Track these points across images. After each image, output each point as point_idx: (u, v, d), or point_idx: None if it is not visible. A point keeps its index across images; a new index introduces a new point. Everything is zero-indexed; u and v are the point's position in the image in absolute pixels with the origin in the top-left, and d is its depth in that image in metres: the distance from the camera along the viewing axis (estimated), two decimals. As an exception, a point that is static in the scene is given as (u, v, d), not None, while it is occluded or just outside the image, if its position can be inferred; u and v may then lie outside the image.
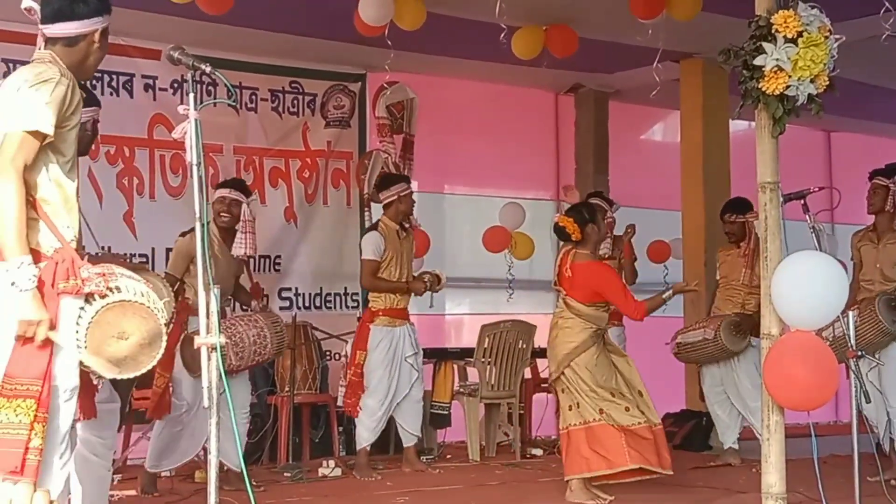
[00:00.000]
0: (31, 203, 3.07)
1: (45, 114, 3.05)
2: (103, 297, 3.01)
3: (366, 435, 6.77)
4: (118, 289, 3.04)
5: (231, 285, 6.21)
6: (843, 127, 11.31)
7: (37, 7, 3.25)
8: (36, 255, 3.03)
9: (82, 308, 3.01)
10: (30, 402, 2.95)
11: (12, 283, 2.94)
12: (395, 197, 6.83)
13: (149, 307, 3.06)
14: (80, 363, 3.05)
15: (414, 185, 7.22)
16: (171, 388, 5.89)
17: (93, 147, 5.08)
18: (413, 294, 6.87)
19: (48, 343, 2.99)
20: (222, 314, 6.10)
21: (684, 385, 8.71)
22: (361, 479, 6.64)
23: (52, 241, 3.08)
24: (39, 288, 2.99)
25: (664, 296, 5.85)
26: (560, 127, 10.07)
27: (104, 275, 3.04)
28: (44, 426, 2.97)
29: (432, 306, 7.58)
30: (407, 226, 6.96)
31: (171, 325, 3.79)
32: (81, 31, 3.24)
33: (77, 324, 2.99)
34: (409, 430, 6.92)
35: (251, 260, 6.89)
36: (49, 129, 3.06)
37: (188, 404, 5.92)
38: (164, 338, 3.08)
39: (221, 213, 6.05)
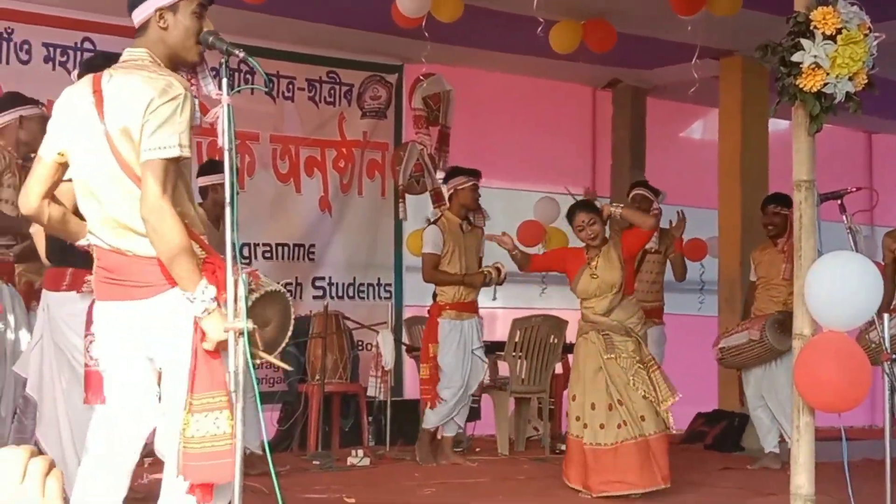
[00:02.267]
0: None
1: (184, 138, 3.01)
2: (252, 291, 3.08)
3: (433, 419, 6.82)
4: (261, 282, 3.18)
5: None
6: (884, 129, 11.18)
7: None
8: None
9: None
10: (226, 412, 2.97)
11: (204, 311, 2.96)
12: (452, 190, 6.86)
13: (281, 291, 3.21)
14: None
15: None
16: None
17: None
18: (472, 287, 6.83)
19: (221, 353, 3.00)
20: None
21: (717, 385, 8.64)
22: (421, 463, 6.72)
23: (199, 252, 3.09)
24: None
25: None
26: (597, 122, 10.03)
27: (252, 272, 3.12)
28: (233, 432, 2.98)
29: (495, 299, 7.57)
30: (472, 219, 6.93)
31: None
32: (143, 16, 3.14)
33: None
34: (457, 420, 6.94)
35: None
36: (189, 152, 3.04)
37: None
38: (293, 315, 3.22)
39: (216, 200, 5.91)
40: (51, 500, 1.10)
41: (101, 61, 3.63)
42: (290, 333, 3.26)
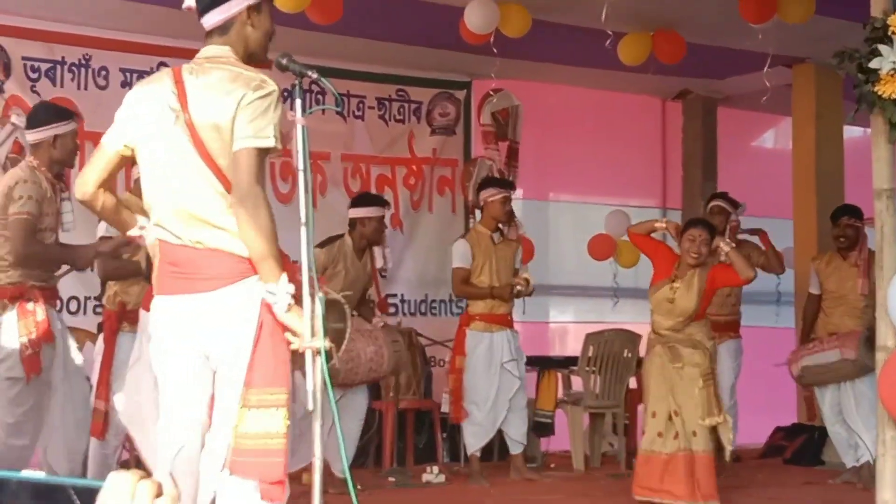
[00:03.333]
0: None
1: (276, 131, 3.05)
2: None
3: (472, 441, 6.77)
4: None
5: (356, 299, 6.19)
6: (965, 133, 10.91)
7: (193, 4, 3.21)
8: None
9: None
10: (283, 410, 2.98)
11: (287, 305, 2.97)
12: (483, 202, 6.84)
13: (340, 301, 3.29)
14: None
15: (518, 192, 7.22)
16: None
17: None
18: (501, 300, 6.75)
19: (288, 351, 3.01)
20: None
21: (796, 398, 8.49)
22: (474, 486, 6.62)
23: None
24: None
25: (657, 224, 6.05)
26: (667, 133, 9.93)
27: (319, 279, 3.14)
28: (288, 431, 3.00)
29: (525, 312, 7.52)
30: (506, 231, 6.88)
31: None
32: (228, 15, 3.16)
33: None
34: (515, 437, 6.88)
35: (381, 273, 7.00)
36: (279, 144, 3.08)
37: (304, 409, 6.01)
38: (349, 325, 3.31)
39: (363, 233, 6.26)
40: None
41: None
42: (345, 344, 3.29)
